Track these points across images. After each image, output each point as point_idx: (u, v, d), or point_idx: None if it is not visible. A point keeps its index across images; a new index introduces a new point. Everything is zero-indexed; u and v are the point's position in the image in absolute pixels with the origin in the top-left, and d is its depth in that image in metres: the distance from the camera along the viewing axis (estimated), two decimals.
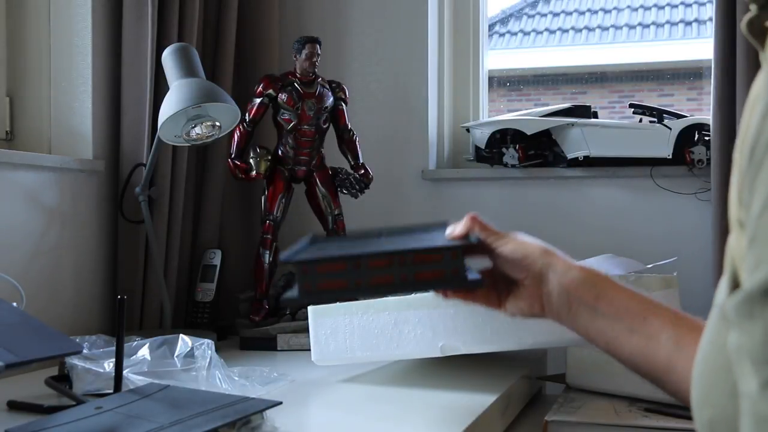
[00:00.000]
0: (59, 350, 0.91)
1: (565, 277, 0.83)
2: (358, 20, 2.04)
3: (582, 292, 0.82)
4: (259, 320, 1.59)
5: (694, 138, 1.79)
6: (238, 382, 1.07)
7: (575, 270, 0.84)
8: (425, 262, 0.87)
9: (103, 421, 0.76)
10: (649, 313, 0.76)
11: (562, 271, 0.84)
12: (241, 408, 0.77)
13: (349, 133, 1.68)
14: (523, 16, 2.49)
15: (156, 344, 1.11)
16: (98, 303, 1.64)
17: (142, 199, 1.57)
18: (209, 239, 1.81)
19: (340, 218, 1.67)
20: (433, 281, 0.88)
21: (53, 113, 1.65)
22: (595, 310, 0.80)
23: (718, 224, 1.67)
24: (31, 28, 1.65)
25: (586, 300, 0.81)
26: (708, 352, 0.46)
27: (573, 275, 0.83)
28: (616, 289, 0.81)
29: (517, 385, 1.22)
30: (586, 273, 0.83)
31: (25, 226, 1.48)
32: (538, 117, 1.90)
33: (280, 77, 1.63)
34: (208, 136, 1.48)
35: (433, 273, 0.87)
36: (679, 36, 2.28)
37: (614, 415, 1.10)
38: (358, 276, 0.85)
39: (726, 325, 0.41)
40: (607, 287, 0.81)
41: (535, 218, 1.91)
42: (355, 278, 0.85)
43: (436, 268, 0.87)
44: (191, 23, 1.72)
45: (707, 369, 0.46)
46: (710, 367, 0.45)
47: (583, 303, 0.81)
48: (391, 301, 1.17)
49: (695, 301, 1.64)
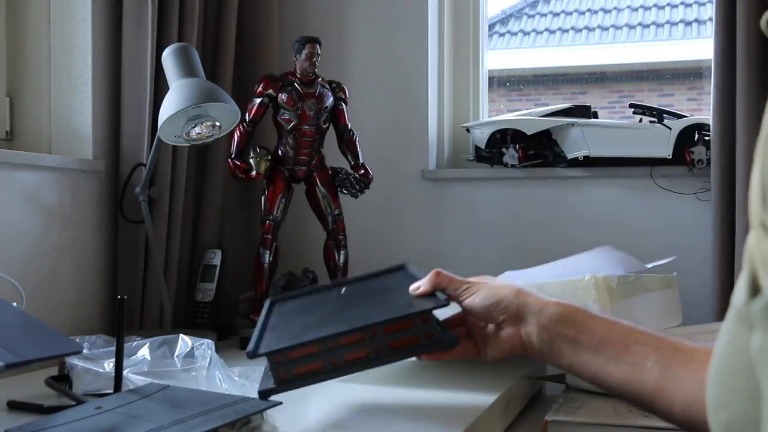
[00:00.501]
0: (59, 350, 0.91)
1: (542, 315, 0.84)
2: (358, 20, 2.04)
3: (563, 328, 0.82)
4: None
5: (694, 138, 1.79)
6: (238, 382, 1.07)
7: (552, 306, 0.84)
8: (397, 331, 0.87)
9: (103, 422, 0.76)
10: (631, 341, 0.77)
11: (539, 309, 0.85)
12: (241, 408, 0.77)
13: (349, 133, 1.68)
14: (523, 16, 2.49)
15: (156, 344, 1.11)
16: (98, 303, 1.64)
17: (142, 199, 1.57)
18: (209, 239, 1.81)
19: (340, 218, 1.67)
20: (409, 348, 0.88)
21: (53, 113, 1.65)
22: (578, 344, 0.81)
23: (718, 224, 1.67)
24: (31, 28, 1.65)
25: (567, 335, 0.82)
26: (725, 354, 0.45)
27: (550, 312, 0.84)
28: (595, 321, 0.81)
29: (517, 385, 1.22)
30: (563, 308, 0.84)
31: (25, 226, 1.48)
32: (538, 117, 1.90)
33: (280, 77, 1.63)
34: (208, 136, 1.48)
35: (407, 340, 0.88)
36: (679, 36, 2.28)
37: (614, 415, 1.10)
38: (332, 355, 0.86)
39: (746, 327, 0.41)
40: (586, 320, 0.82)
41: (535, 218, 1.91)
42: (330, 358, 0.86)
43: (409, 334, 0.88)
44: (191, 23, 1.72)
45: (725, 371, 0.45)
46: (728, 369, 0.44)
47: (565, 339, 0.82)
48: None
49: (695, 301, 1.65)
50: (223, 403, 0.79)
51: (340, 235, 1.67)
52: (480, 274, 1.40)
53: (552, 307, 0.84)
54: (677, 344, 0.75)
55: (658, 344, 0.76)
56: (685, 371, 0.72)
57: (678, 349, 0.74)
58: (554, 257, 1.35)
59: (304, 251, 1.94)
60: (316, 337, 0.87)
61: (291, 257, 1.88)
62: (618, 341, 0.78)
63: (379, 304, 0.97)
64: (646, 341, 0.76)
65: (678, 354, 0.73)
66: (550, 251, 1.85)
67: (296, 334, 0.91)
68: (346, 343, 0.87)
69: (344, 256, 1.67)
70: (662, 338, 0.76)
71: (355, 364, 0.87)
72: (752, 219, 0.41)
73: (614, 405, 1.14)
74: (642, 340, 0.77)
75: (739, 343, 0.42)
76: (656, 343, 0.76)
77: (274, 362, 0.85)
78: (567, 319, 0.82)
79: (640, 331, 0.78)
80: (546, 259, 1.40)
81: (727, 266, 1.66)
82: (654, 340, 0.76)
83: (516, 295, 0.87)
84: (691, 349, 0.74)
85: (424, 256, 1.97)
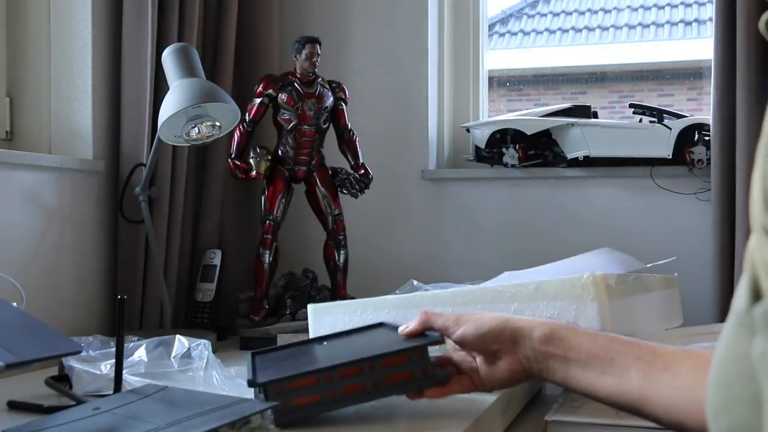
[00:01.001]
0: (59, 350, 0.92)
1: (533, 338, 0.87)
2: (358, 20, 2.04)
3: (552, 348, 0.86)
4: (259, 320, 1.59)
5: (694, 138, 1.79)
6: (236, 382, 1.07)
7: (538, 327, 0.88)
8: (393, 365, 0.91)
9: (101, 422, 0.76)
10: (614, 353, 0.81)
11: (529, 330, 0.88)
12: (239, 409, 0.77)
13: (349, 133, 1.68)
14: (523, 16, 2.49)
15: (153, 345, 1.11)
16: (98, 303, 1.65)
17: (142, 199, 1.57)
18: (209, 239, 1.81)
19: (340, 218, 1.67)
20: (404, 382, 0.91)
21: (53, 113, 1.65)
22: (568, 361, 0.84)
23: (718, 224, 1.67)
24: (31, 28, 1.65)
25: (557, 354, 0.85)
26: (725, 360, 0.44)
27: (539, 333, 0.87)
28: (580, 337, 0.85)
29: (517, 385, 1.21)
30: (549, 327, 0.87)
31: (25, 226, 1.48)
32: (538, 117, 1.90)
33: (280, 77, 1.63)
34: (208, 136, 1.48)
35: (402, 374, 0.91)
36: (679, 36, 2.28)
37: (614, 415, 1.10)
38: (330, 387, 0.89)
39: (746, 332, 0.40)
40: (572, 336, 0.85)
41: (535, 218, 1.91)
42: (328, 390, 0.89)
43: (404, 369, 0.91)
44: (191, 23, 1.72)
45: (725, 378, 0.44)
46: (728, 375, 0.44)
47: (556, 358, 0.86)
48: (390, 300, 1.17)
49: (695, 301, 1.65)
50: (221, 404, 0.79)
51: (340, 235, 1.67)
52: (480, 274, 1.41)
53: (539, 328, 0.88)
54: (656, 350, 0.78)
55: (638, 353, 0.79)
56: (665, 377, 0.76)
57: (657, 354, 0.78)
58: (554, 257, 1.34)
59: (304, 251, 1.94)
60: (315, 368, 0.91)
61: (291, 257, 1.88)
62: (602, 355, 0.81)
63: (371, 344, 1.01)
64: (627, 351, 0.80)
65: (657, 360, 0.77)
66: (550, 251, 1.85)
67: (292, 369, 0.94)
68: (345, 375, 0.90)
69: (344, 256, 1.67)
70: (642, 346, 0.80)
71: (352, 397, 0.90)
72: (753, 223, 0.41)
73: None
74: (623, 351, 0.80)
75: (740, 349, 0.42)
76: (637, 352, 0.79)
77: (274, 392, 0.87)
78: (555, 337, 0.86)
79: (621, 342, 0.82)
80: (546, 259, 1.40)
81: (727, 266, 1.66)
82: (635, 350, 0.80)
83: (506, 322, 0.90)
84: (669, 353, 0.78)
85: (424, 256, 1.97)
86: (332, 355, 1.01)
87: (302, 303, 1.60)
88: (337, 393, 0.89)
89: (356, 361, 0.90)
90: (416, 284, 1.56)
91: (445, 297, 1.15)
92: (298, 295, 1.64)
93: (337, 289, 1.67)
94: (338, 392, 0.89)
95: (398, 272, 1.87)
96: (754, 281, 0.40)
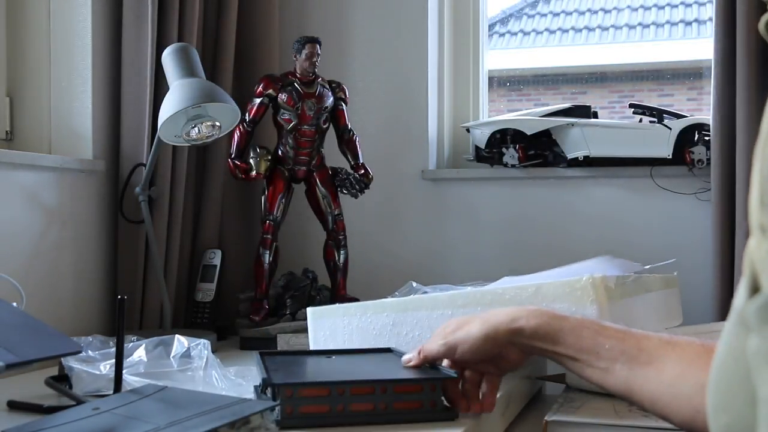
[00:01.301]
0: (59, 350, 0.91)
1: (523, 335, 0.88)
2: (358, 20, 2.04)
3: (540, 343, 0.87)
4: (259, 320, 1.59)
5: (694, 138, 1.78)
6: (235, 381, 1.07)
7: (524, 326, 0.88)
8: (405, 393, 0.91)
9: (101, 422, 0.76)
10: (599, 347, 0.82)
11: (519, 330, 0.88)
12: (239, 409, 0.77)
13: (349, 133, 1.68)
14: (523, 16, 2.49)
15: (152, 345, 1.11)
16: (98, 303, 1.65)
17: (142, 199, 1.57)
18: (209, 239, 1.81)
19: (340, 218, 1.67)
20: (411, 412, 0.91)
21: (53, 113, 1.65)
22: (558, 355, 0.86)
23: (718, 224, 1.67)
24: (31, 28, 1.65)
25: (546, 348, 0.87)
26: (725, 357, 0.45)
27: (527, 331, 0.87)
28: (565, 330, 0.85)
29: (517, 385, 1.22)
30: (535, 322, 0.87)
31: (25, 226, 1.48)
32: (538, 117, 1.90)
33: (280, 77, 1.63)
34: (208, 136, 1.48)
35: (411, 404, 0.91)
36: (679, 36, 2.28)
37: (614, 415, 1.10)
38: (339, 402, 0.89)
39: (745, 330, 0.41)
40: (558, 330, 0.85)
41: (535, 218, 1.91)
42: (337, 404, 0.89)
43: (415, 398, 0.91)
44: (191, 23, 1.72)
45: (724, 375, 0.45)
46: (728, 372, 0.44)
47: (546, 352, 0.87)
48: (389, 303, 1.17)
49: (695, 301, 1.65)
50: (221, 404, 0.79)
51: (340, 235, 1.67)
52: (480, 274, 1.42)
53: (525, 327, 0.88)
54: (641, 344, 0.79)
55: (623, 346, 0.80)
56: (649, 372, 0.77)
57: (642, 348, 0.79)
58: (554, 257, 1.35)
59: (304, 251, 1.94)
60: (330, 380, 0.91)
61: (291, 257, 1.88)
62: (588, 348, 0.83)
63: (382, 367, 1.01)
64: (613, 345, 0.81)
65: (642, 354, 0.78)
66: (550, 251, 1.86)
67: (305, 376, 0.95)
68: (357, 392, 0.90)
69: (344, 256, 1.67)
70: (627, 339, 0.81)
71: (359, 415, 0.90)
72: (752, 222, 0.41)
73: (614, 405, 1.14)
74: (608, 345, 0.81)
75: (738, 346, 0.42)
76: (622, 346, 0.80)
77: (285, 395, 0.88)
78: (541, 332, 0.87)
79: (606, 335, 0.82)
80: (546, 259, 1.40)
81: (727, 266, 1.66)
82: (620, 343, 0.80)
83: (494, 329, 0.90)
84: (654, 346, 0.78)
85: (424, 257, 1.97)
86: (344, 371, 1.01)
87: (302, 303, 1.60)
88: (345, 408, 0.89)
89: (371, 381, 0.91)
90: (415, 286, 1.55)
91: (444, 299, 1.15)
92: (298, 295, 1.64)
93: (337, 289, 1.67)
94: (346, 408, 0.89)
95: (398, 272, 1.87)
96: (753, 279, 0.41)
